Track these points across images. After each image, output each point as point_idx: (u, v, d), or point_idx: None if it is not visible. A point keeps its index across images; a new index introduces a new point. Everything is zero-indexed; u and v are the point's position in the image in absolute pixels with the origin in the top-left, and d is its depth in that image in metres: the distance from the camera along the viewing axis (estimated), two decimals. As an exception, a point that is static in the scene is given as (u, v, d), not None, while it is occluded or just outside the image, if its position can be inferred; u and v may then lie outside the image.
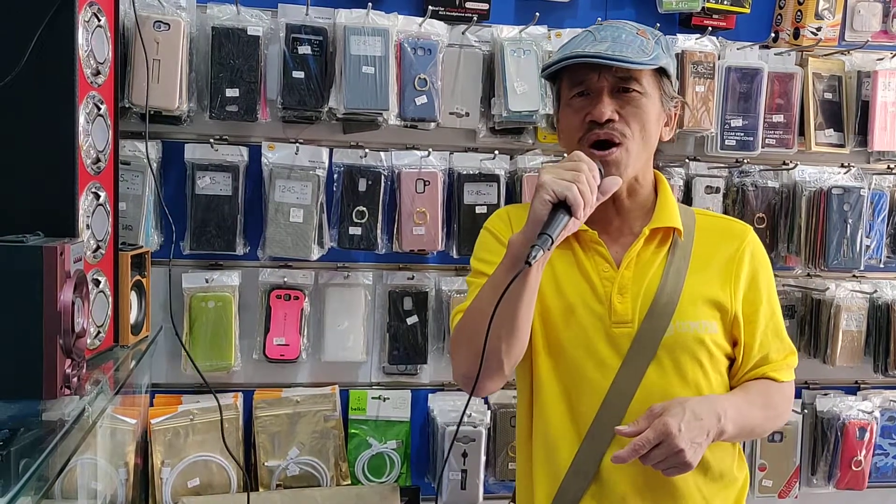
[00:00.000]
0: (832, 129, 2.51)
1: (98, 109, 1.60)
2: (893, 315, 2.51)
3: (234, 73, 2.13)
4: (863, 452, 2.50)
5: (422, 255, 2.35)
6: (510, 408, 2.34)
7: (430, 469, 2.39)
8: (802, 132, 2.50)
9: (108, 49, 1.66)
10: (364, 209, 2.24)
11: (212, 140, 2.19)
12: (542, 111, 2.26)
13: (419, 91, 2.22)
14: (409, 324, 2.31)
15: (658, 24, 2.26)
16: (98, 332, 1.62)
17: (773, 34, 2.54)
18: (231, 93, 2.13)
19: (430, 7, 2.25)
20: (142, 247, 1.92)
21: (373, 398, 2.33)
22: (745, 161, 2.47)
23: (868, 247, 2.50)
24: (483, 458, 2.31)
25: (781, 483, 2.52)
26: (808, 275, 2.58)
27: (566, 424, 1.42)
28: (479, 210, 2.30)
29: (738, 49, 2.45)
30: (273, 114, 2.21)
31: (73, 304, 1.31)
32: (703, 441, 1.28)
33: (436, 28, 2.26)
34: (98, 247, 1.61)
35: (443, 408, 2.34)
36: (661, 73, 1.41)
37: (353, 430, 2.32)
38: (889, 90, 2.50)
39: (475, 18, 2.28)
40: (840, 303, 2.48)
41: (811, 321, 2.55)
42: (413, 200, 2.27)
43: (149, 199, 2.12)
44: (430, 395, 2.39)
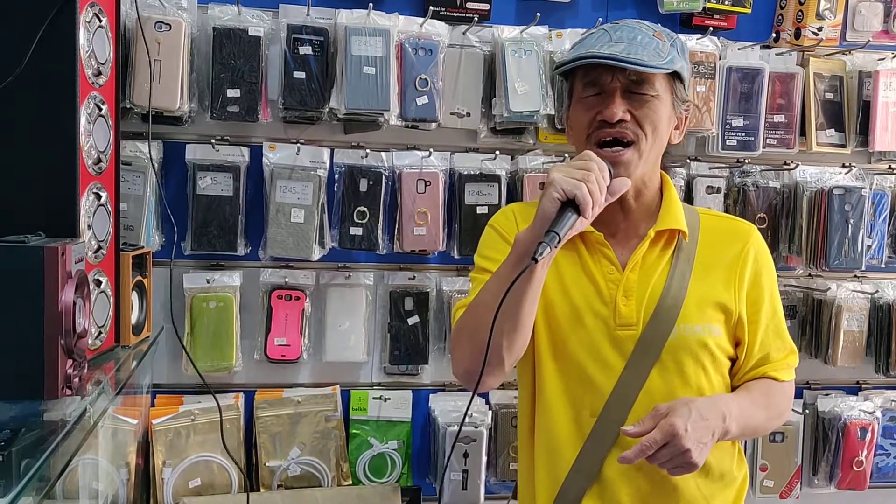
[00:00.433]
0: (833, 130, 2.51)
1: (99, 110, 1.60)
2: (895, 315, 2.51)
3: (236, 74, 2.13)
4: (864, 453, 2.50)
5: (423, 256, 2.35)
6: (511, 408, 2.34)
7: (432, 469, 2.39)
8: (803, 132, 2.50)
9: (110, 50, 1.66)
10: (365, 209, 2.24)
11: (213, 140, 2.19)
12: (543, 111, 2.26)
13: (420, 91, 2.22)
14: (410, 324, 2.31)
15: (658, 25, 2.25)
16: (99, 333, 1.62)
17: (775, 34, 2.54)
18: (232, 93, 2.13)
19: (431, 7, 2.25)
20: (143, 247, 1.93)
21: (374, 398, 2.33)
22: (747, 161, 2.47)
23: (869, 247, 2.49)
24: (484, 459, 2.31)
25: (783, 483, 2.52)
26: (810, 275, 2.57)
27: (568, 425, 1.42)
28: (480, 210, 2.30)
29: (739, 49, 2.44)
30: (274, 114, 2.21)
31: (75, 305, 1.31)
32: (709, 441, 1.28)
33: (437, 28, 2.26)
34: (99, 247, 1.62)
35: (444, 408, 2.34)
36: (675, 77, 1.40)
37: (355, 431, 2.32)
38: (890, 90, 2.49)
39: (476, 19, 2.27)
40: (841, 303, 2.48)
41: (812, 321, 2.54)
42: (414, 201, 2.27)
43: (150, 200, 2.13)
44: (432, 396, 2.39)
